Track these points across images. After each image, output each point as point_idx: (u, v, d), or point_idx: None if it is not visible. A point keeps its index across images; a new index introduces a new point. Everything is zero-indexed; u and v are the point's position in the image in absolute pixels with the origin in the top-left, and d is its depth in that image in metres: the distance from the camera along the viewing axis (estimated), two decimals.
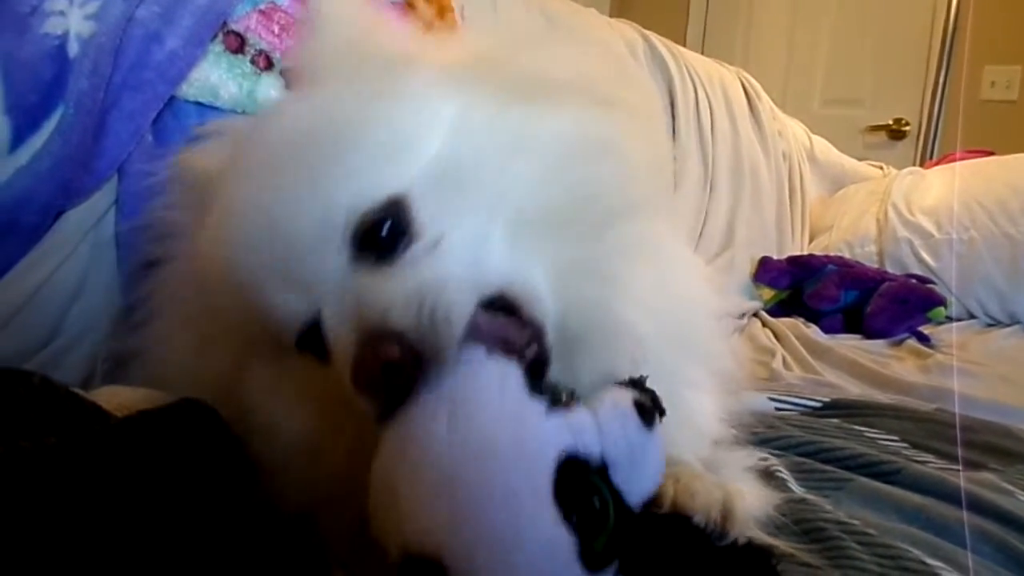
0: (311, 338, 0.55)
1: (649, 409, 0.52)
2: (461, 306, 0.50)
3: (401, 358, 0.48)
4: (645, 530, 0.52)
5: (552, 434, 0.48)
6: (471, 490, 0.45)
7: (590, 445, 0.48)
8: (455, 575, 0.44)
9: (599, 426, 0.50)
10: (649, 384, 0.55)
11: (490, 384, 0.49)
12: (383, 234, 0.54)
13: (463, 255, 0.54)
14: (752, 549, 0.57)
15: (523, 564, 0.44)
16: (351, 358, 0.49)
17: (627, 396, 0.53)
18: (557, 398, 0.50)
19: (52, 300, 0.91)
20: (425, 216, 0.55)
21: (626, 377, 0.55)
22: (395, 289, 0.51)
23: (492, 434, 0.47)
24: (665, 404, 0.54)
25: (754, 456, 0.72)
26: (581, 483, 0.48)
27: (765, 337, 1.74)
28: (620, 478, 0.49)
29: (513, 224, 0.56)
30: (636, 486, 0.50)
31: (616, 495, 0.49)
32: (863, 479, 0.81)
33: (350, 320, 0.52)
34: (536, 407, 0.49)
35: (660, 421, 0.53)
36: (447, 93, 0.61)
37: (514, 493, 0.45)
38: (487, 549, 0.44)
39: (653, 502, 0.58)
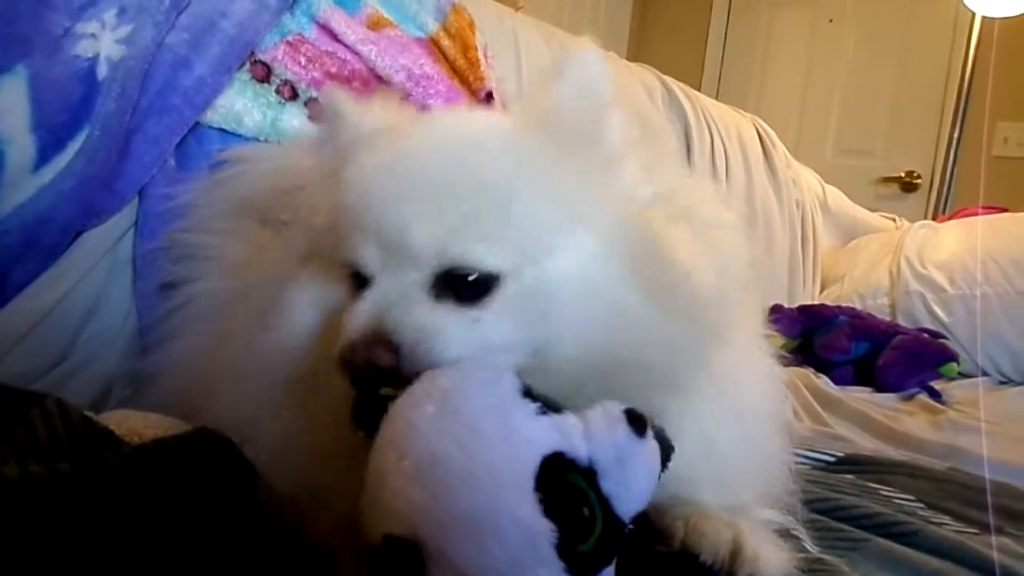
0: (358, 281, 0.61)
1: (639, 417, 0.52)
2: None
3: (382, 368, 0.54)
4: (653, 568, 0.52)
5: (539, 432, 0.49)
6: (451, 473, 0.46)
7: (577, 448, 0.49)
8: (430, 557, 0.44)
9: (588, 431, 0.50)
10: None
11: (484, 380, 0.52)
12: (464, 283, 0.58)
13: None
14: None
15: (497, 549, 0.44)
16: (359, 326, 0.56)
17: (618, 405, 0.53)
18: (550, 405, 0.51)
19: (67, 319, 0.91)
20: (497, 302, 0.58)
21: None
22: (435, 323, 0.57)
23: (478, 422, 0.48)
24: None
25: (776, 513, 0.71)
26: (566, 483, 0.48)
27: None
28: (608, 484, 0.49)
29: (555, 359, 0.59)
30: (625, 494, 0.50)
31: (604, 501, 0.49)
32: (880, 540, 0.79)
33: (385, 311, 0.57)
34: (527, 407, 0.50)
35: (667, 462, 0.53)
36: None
37: (494, 480, 0.46)
38: (462, 531, 0.44)
39: (662, 540, 0.58)
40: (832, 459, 1.12)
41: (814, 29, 4.24)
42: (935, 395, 1.71)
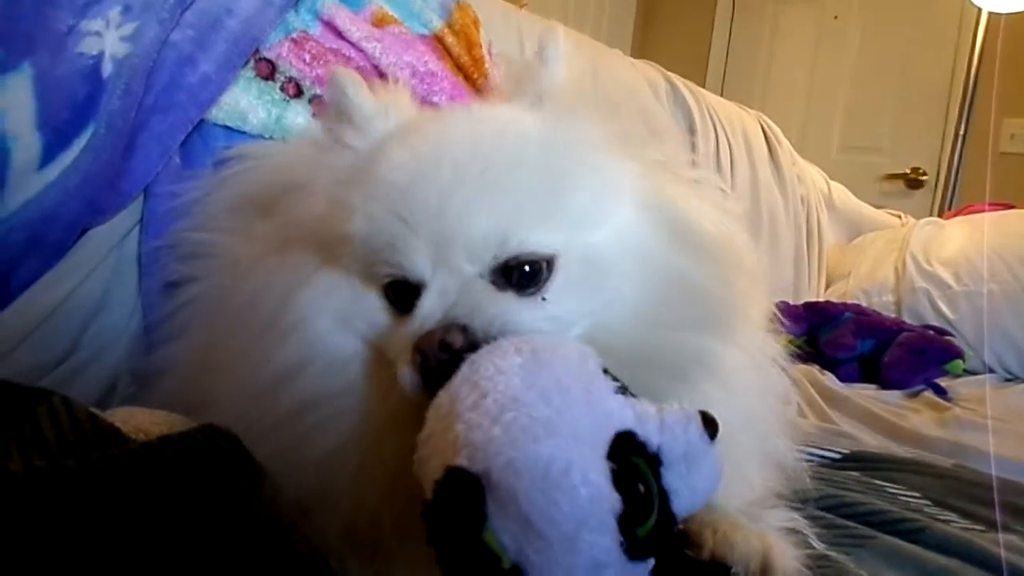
0: (399, 288, 0.61)
1: (712, 420, 0.52)
2: None
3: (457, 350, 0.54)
4: (685, 573, 0.52)
5: (617, 407, 0.50)
6: (534, 420, 0.46)
7: (650, 433, 0.49)
8: (494, 495, 0.44)
9: (662, 420, 0.50)
10: None
11: (569, 348, 0.53)
12: (522, 271, 0.60)
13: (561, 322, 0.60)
14: None
15: (565, 504, 0.44)
16: (433, 322, 0.57)
17: (684, 409, 0.52)
18: (624, 389, 0.52)
19: (72, 316, 0.91)
20: (555, 282, 0.60)
21: None
22: (507, 307, 0.58)
23: (565, 380, 0.49)
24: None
25: (785, 513, 0.71)
26: (630, 464, 0.48)
27: None
28: (671, 477, 0.49)
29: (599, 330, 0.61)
30: (684, 491, 0.49)
31: (663, 493, 0.48)
32: (886, 537, 0.79)
33: (453, 305, 0.58)
34: (608, 382, 0.52)
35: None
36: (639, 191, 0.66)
37: (575, 436, 0.46)
38: (535, 477, 0.44)
39: (692, 548, 0.58)
40: (837, 456, 1.12)
41: (819, 25, 4.22)
42: (941, 392, 1.70)
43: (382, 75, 1.21)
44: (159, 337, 0.89)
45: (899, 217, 2.82)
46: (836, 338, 1.93)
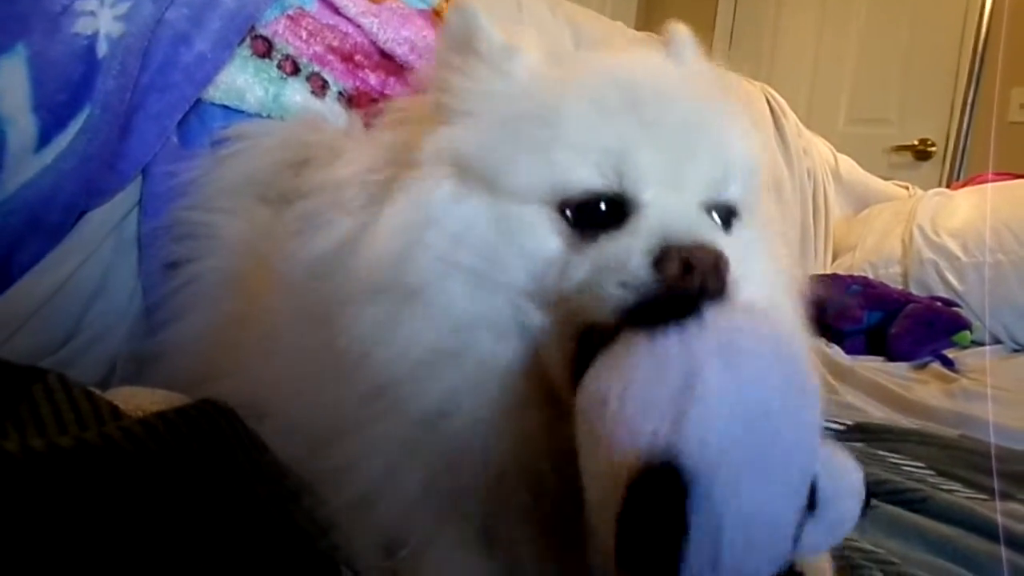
0: (588, 208, 0.55)
1: (870, 501, 0.51)
2: None
3: (716, 282, 0.50)
4: None
5: (816, 452, 0.46)
6: (774, 418, 0.43)
7: (825, 491, 0.46)
8: (703, 488, 0.40)
9: (837, 487, 0.47)
10: None
11: (804, 355, 0.48)
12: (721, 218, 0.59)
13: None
14: None
15: (760, 553, 0.42)
16: (683, 244, 0.51)
17: (861, 475, 0.51)
18: None
19: (72, 299, 0.91)
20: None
21: None
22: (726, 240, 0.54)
23: (805, 383, 0.45)
24: None
25: None
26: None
27: None
28: (811, 535, 0.46)
29: None
30: (810, 545, 0.47)
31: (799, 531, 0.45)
32: (888, 506, 0.79)
33: (678, 230, 0.52)
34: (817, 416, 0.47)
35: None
36: None
37: (786, 481, 0.43)
38: (744, 517, 0.41)
39: None
40: (842, 428, 1.11)
41: None
42: (948, 363, 1.70)
43: (380, 51, 1.20)
44: (160, 318, 0.89)
45: (906, 189, 2.80)
46: (843, 311, 1.92)
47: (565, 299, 0.54)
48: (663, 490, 0.40)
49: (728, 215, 0.60)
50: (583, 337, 0.53)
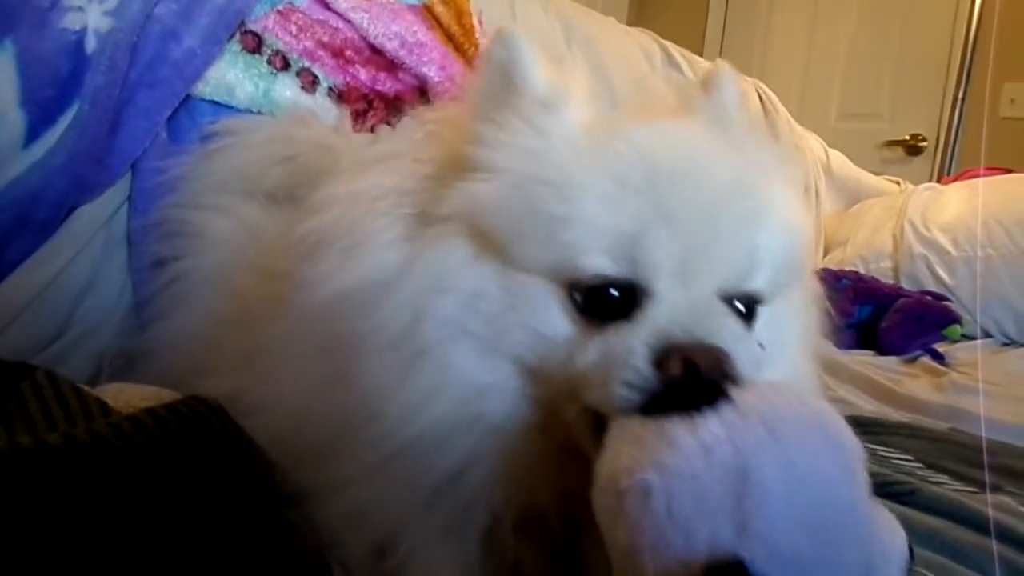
0: (598, 295, 0.53)
1: (913, 561, 0.50)
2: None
3: (723, 375, 0.48)
4: None
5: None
6: (834, 513, 0.42)
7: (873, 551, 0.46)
8: None
9: (878, 535, 0.47)
10: None
11: (849, 438, 0.47)
12: (741, 310, 0.56)
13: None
14: None
15: None
16: (685, 343, 0.49)
17: (904, 537, 0.51)
18: None
19: (63, 295, 0.91)
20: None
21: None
22: (739, 335, 0.52)
23: (830, 465, 0.44)
24: None
25: None
26: None
27: None
28: None
29: None
30: None
31: None
32: (875, 499, 0.79)
33: (692, 323, 0.51)
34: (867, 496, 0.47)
35: None
36: None
37: (861, 508, 0.44)
38: (824, 569, 0.41)
39: None
40: None
41: None
42: (938, 357, 1.70)
43: (370, 46, 1.20)
44: (149, 314, 0.90)
45: (898, 183, 2.81)
46: (833, 305, 1.92)
47: (571, 380, 0.53)
48: None
49: (752, 303, 0.57)
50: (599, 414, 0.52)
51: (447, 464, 0.54)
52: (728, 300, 0.54)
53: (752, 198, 0.56)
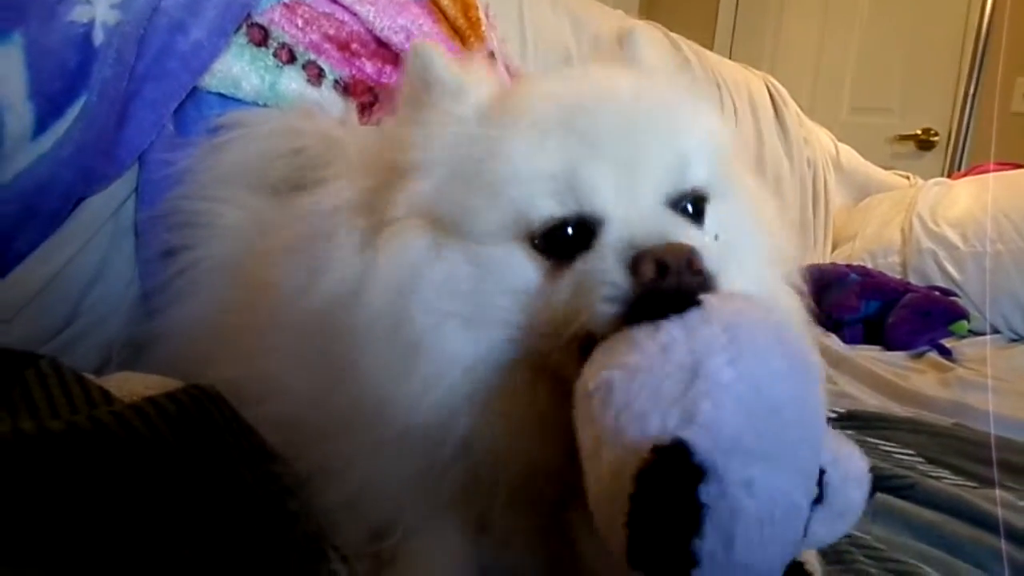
0: (556, 235, 0.56)
1: (875, 486, 0.50)
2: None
3: (693, 277, 0.50)
4: None
5: (824, 438, 0.47)
6: (789, 408, 0.43)
7: (832, 480, 0.46)
8: (719, 477, 0.40)
9: (846, 474, 0.47)
10: None
11: (804, 341, 0.50)
12: (688, 208, 0.59)
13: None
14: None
15: (774, 546, 0.41)
16: (652, 246, 0.51)
17: (865, 463, 0.50)
18: None
19: (70, 286, 0.92)
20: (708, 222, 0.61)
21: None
22: (694, 233, 0.55)
23: (815, 372, 0.46)
24: None
25: None
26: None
27: None
28: (818, 526, 0.46)
29: None
30: (818, 536, 0.47)
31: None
32: (876, 493, 0.79)
33: (648, 233, 0.53)
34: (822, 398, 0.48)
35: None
36: None
37: (801, 469, 0.43)
38: (761, 507, 0.40)
39: None
40: (834, 415, 1.12)
41: None
42: (945, 353, 1.70)
43: (376, 39, 1.20)
44: (156, 305, 0.90)
45: (907, 178, 2.79)
46: (841, 300, 1.92)
47: (555, 321, 0.55)
48: (674, 480, 0.40)
49: (698, 201, 0.60)
50: (585, 340, 0.53)
51: (453, 439, 0.57)
52: (675, 206, 0.58)
53: (670, 106, 0.60)
